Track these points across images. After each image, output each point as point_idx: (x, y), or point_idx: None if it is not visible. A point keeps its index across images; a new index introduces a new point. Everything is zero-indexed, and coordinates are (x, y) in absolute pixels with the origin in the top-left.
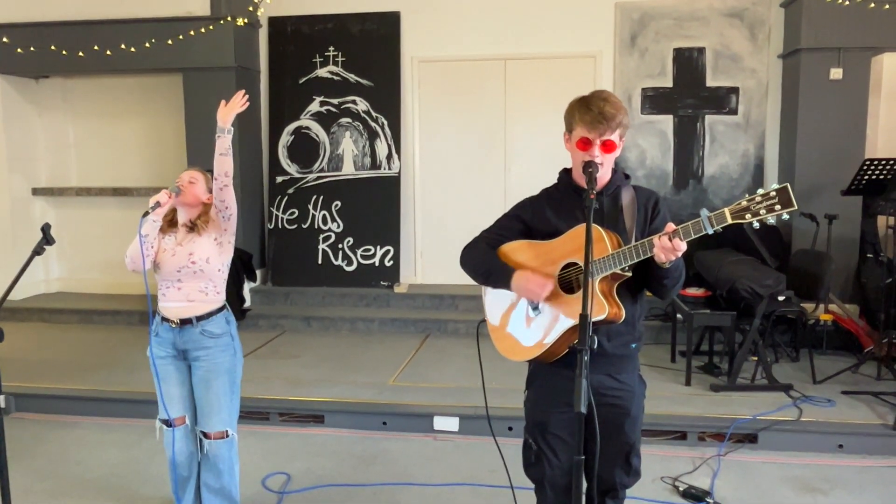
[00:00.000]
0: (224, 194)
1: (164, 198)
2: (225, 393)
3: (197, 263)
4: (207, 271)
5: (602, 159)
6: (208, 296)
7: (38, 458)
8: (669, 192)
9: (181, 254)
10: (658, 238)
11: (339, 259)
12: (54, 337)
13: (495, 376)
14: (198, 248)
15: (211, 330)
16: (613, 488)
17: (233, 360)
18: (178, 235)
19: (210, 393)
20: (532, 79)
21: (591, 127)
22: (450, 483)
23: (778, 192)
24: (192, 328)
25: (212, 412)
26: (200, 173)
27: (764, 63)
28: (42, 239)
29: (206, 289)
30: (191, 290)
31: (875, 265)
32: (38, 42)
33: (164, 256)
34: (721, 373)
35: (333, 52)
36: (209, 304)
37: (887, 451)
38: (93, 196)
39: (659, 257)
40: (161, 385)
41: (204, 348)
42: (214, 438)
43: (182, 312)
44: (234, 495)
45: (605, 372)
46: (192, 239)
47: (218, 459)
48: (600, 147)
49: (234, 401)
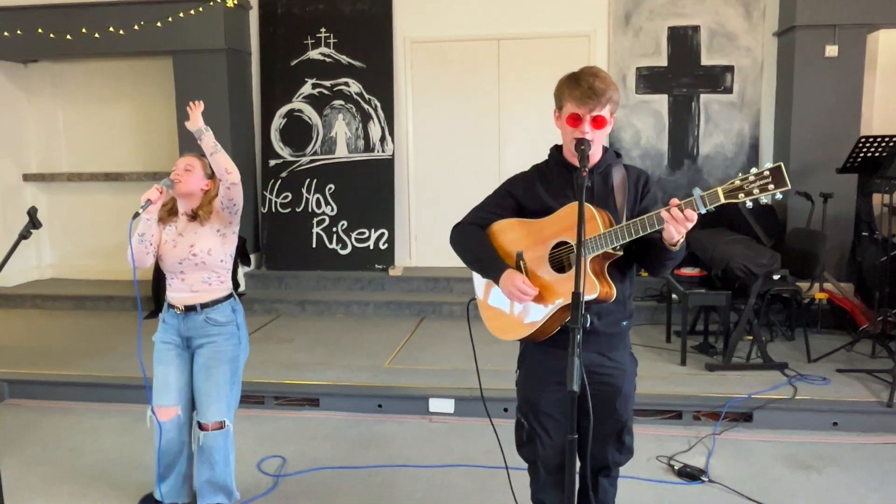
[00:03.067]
0: (232, 193)
1: (155, 194)
2: (225, 382)
3: (198, 255)
4: (210, 263)
5: (592, 136)
6: (212, 286)
7: (32, 445)
8: (664, 172)
9: (182, 245)
10: (667, 211)
11: (334, 242)
12: (47, 323)
13: (490, 358)
14: (199, 240)
15: (215, 318)
16: (606, 466)
17: (236, 349)
18: (179, 225)
19: (210, 381)
20: (526, 59)
21: (581, 103)
22: (445, 465)
23: (771, 171)
24: (197, 315)
25: (210, 401)
26: (197, 159)
27: (759, 41)
28: (28, 223)
29: (210, 279)
30: (194, 281)
31: (870, 243)
32: (25, 26)
33: (166, 248)
34: (716, 352)
35: (325, 34)
36: (213, 293)
37: (882, 428)
38: (84, 181)
39: (669, 231)
40: (159, 369)
41: (207, 336)
42: (211, 430)
43: (186, 301)
44: (229, 485)
45: (596, 350)
46: (193, 230)
47: (213, 451)
48: (591, 123)
49: (235, 391)
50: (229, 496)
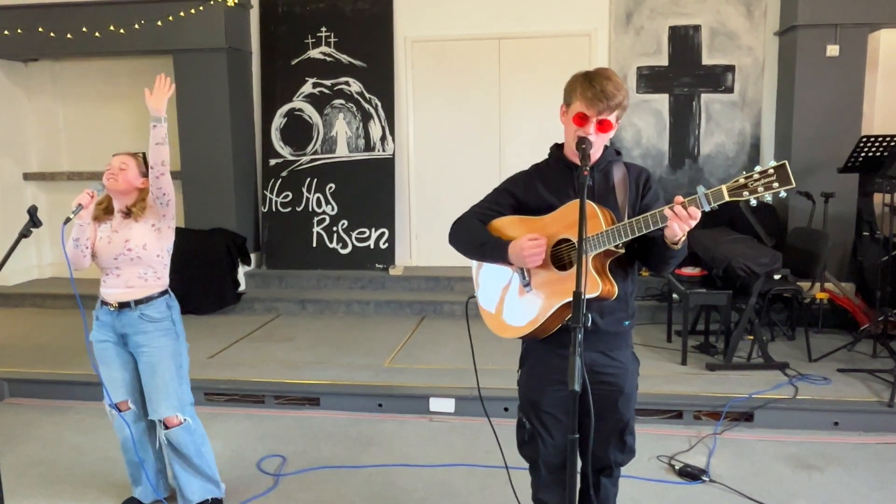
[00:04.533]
0: (161, 182)
1: (86, 199)
2: (172, 378)
3: (133, 250)
4: (145, 257)
5: (595, 138)
6: (148, 281)
7: (32, 443)
8: (665, 172)
9: (117, 241)
10: (670, 209)
11: (334, 242)
12: (48, 322)
13: (490, 357)
14: (134, 235)
15: (150, 314)
16: (608, 466)
17: (176, 344)
18: (114, 222)
19: (156, 378)
20: (527, 58)
21: (591, 104)
22: (445, 464)
23: (776, 169)
24: (131, 311)
25: (160, 398)
26: (131, 157)
27: (760, 40)
28: (29, 221)
29: (146, 275)
30: (130, 277)
31: (871, 243)
32: (25, 24)
33: (101, 245)
34: (717, 352)
35: (326, 33)
36: (149, 288)
37: (883, 428)
38: (84, 180)
39: (673, 229)
40: (103, 369)
41: (143, 332)
42: (171, 427)
43: (121, 297)
44: (208, 473)
45: (598, 350)
46: (128, 225)
47: (180, 446)
48: (596, 125)
49: (184, 385)
50: (216, 485)
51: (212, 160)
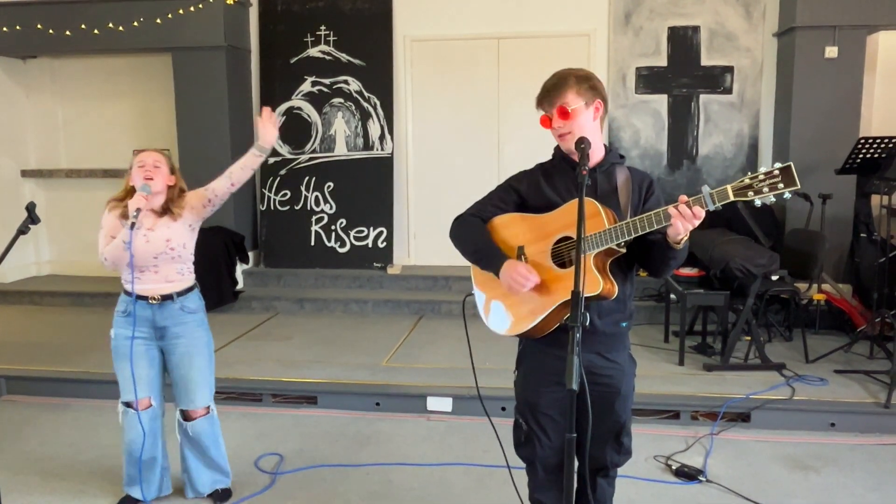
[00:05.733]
0: (227, 194)
1: (143, 202)
2: (206, 366)
3: (175, 249)
4: (184, 256)
5: (568, 127)
6: (184, 275)
7: (29, 441)
8: (664, 173)
9: (156, 240)
10: (675, 207)
11: (332, 240)
12: (45, 319)
13: (488, 356)
14: (175, 235)
15: (189, 305)
16: (605, 467)
17: (208, 335)
18: (147, 221)
19: (193, 369)
20: (526, 58)
21: (542, 102)
22: (443, 463)
23: (781, 170)
24: (173, 304)
25: (196, 388)
26: (161, 155)
27: (759, 42)
28: (27, 218)
29: (182, 270)
30: (169, 272)
31: (868, 244)
32: (24, 21)
33: (138, 245)
34: (714, 352)
35: (325, 32)
36: (185, 281)
37: (879, 429)
38: (83, 178)
39: (676, 228)
40: (126, 366)
41: (182, 324)
42: (196, 417)
43: (162, 290)
44: (223, 466)
45: (595, 351)
46: (166, 224)
47: (201, 436)
48: (558, 116)
49: (212, 376)
50: (226, 476)
51: (210, 158)
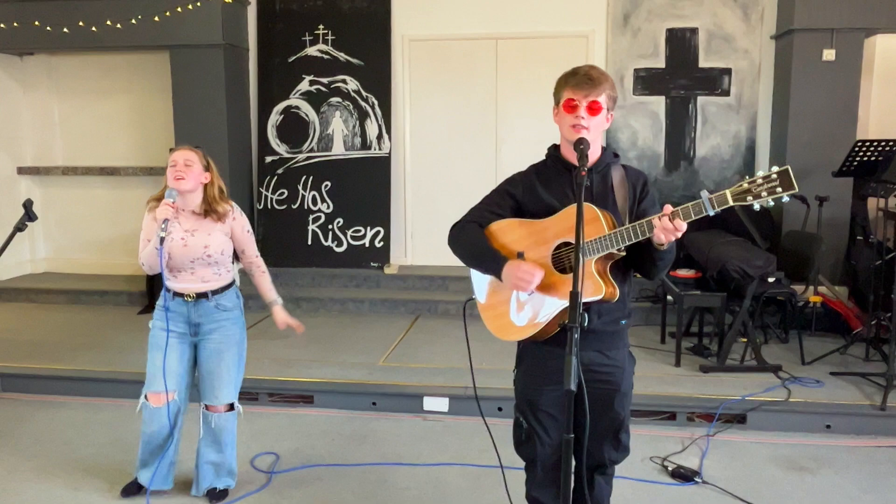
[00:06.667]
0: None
1: (170, 212)
2: (235, 364)
3: (213, 256)
4: (221, 261)
5: (588, 122)
6: (221, 275)
7: (24, 438)
8: (661, 174)
9: (194, 245)
10: (658, 219)
11: (329, 240)
12: (41, 317)
13: (485, 357)
14: (213, 241)
15: (224, 304)
16: (603, 464)
17: (242, 333)
18: (187, 222)
19: (221, 365)
20: (524, 58)
21: (577, 88)
22: (439, 463)
23: (779, 174)
24: (207, 302)
25: (222, 384)
26: (193, 152)
27: (757, 44)
28: (24, 215)
29: (220, 271)
30: (205, 274)
31: (865, 247)
32: (22, 18)
33: (174, 246)
34: (710, 354)
35: (323, 31)
36: (222, 280)
37: (874, 431)
38: (79, 175)
39: (658, 238)
40: (157, 356)
41: (216, 321)
42: (221, 412)
43: (198, 289)
44: (234, 468)
45: (595, 349)
46: (207, 229)
47: (222, 433)
48: (586, 108)
49: (240, 375)
50: (234, 478)
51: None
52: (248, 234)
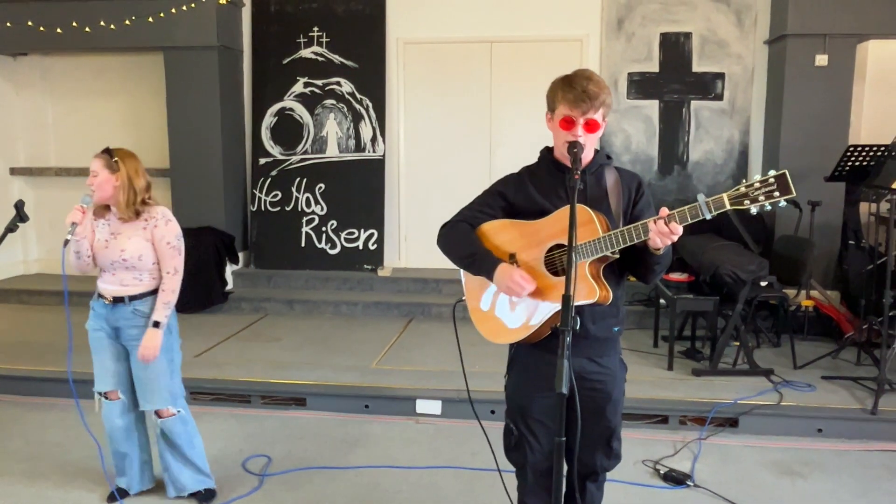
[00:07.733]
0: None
1: (78, 215)
2: (163, 371)
3: (129, 260)
4: (141, 266)
5: (585, 140)
6: (143, 281)
7: (14, 440)
8: (654, 178)
9: (113, 248)
10: (653, 222)
11: (323, 242)
12: (33, 318)
13: (477, 360)
14: (131, 246)
15: (142, 309)
16: (594, 472)
17: (168, 339)
18: (112, 224)
19: (148, 371)
20: (518, 62)
21: (574, 105)
22: (432, 466)
23: (776, 178)
24: (125, 306)
25: (152, 390)
26: (99, 159)
27: (750, 49)
28: (15, 216)
29: (141, 276)
30: (125, 277)
31: (857, 252)
32: (15, 18)
33: (98, 247)
34: (703, 357)
35: (318, 33)
36: (143, 286)
37: (866, 435)
38: (72, 176)
39: (654, 241)
40: (95, 357)
41: (136, 327)
42: (166, 416)
43: (115, 292)
44: (199, 465)
45: (586, 356)
46: (128, 234)
47: (173, 435)
48: (584, 126)
49: (175, 379)
50: (207, 476)
51: (201, 158)
52: (167, 245)
